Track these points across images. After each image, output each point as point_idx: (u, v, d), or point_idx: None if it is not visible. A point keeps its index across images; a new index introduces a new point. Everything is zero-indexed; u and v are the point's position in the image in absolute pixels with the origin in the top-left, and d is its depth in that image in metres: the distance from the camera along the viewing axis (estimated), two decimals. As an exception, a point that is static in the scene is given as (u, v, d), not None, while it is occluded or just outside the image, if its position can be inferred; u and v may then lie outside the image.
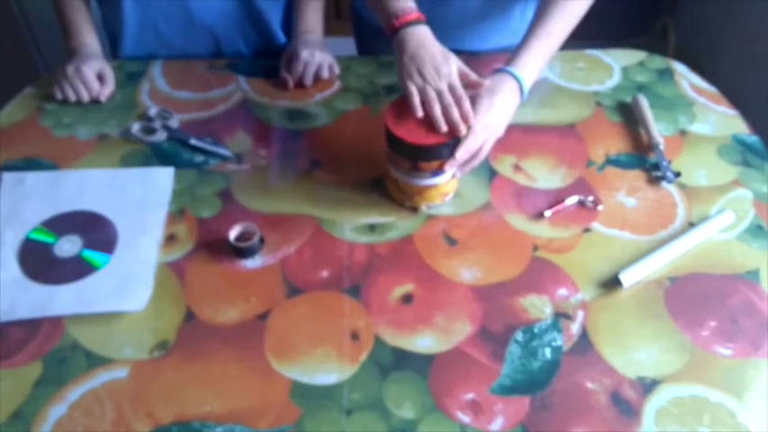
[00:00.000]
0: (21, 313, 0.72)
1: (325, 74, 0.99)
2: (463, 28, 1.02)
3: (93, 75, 0.96)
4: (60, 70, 0.97)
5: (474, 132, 0.76)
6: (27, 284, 0.74)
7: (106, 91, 0.97)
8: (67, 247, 0.78)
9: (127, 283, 0.74)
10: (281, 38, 1.10)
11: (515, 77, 0.80)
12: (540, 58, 0.83)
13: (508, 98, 0.80)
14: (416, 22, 0.80)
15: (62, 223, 0.80)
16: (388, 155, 0.79)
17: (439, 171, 0.77)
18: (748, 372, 0.68)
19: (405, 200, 0.82)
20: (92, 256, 0.77)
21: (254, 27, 1.08)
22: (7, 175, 0.85)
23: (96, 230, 0.80)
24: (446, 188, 0.81)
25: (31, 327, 0.71)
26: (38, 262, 0.76)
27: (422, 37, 0.79)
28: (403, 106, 0.77)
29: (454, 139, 0.75)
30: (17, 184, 0.84)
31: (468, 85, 0.79)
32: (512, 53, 0.83)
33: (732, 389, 0.66)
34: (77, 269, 0.76)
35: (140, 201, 0.83)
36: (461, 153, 0.76)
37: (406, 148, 0.75)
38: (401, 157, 0.77)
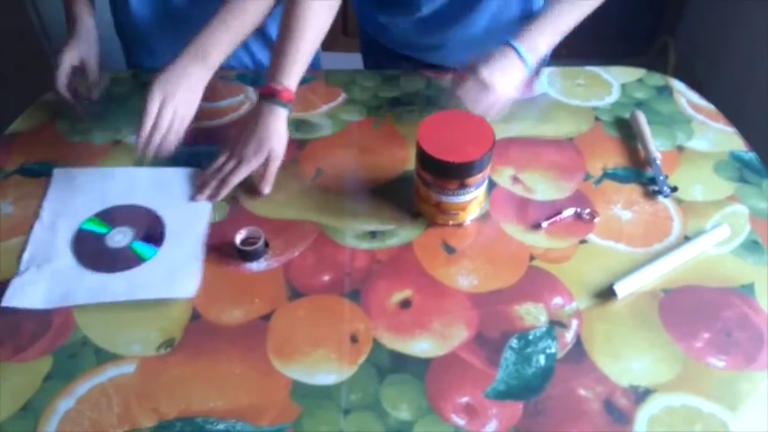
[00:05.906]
0: (76, 299, 0.74)
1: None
2: (467, 53, 1.04)
3: (66, 72, 0.93)
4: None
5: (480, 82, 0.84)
6: (81, 272, 0.77)
7: (94, 94, 0.97)
8: (119, 238, 0.81)
9: (174, 275, 0.77)
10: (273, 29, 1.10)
11: (512, 47, 0.86)
12: (546, 33, 0.88)
13: (508, 62, 0.85)
14: (278, 100, 0.84)
15: (114, 215, 0.83)
16: (429, 183, 0.78)
17: (481, 181, 0.78)
18: (742, 384, 0.68)
19: (448, 219, 0.82)
20: (141, 248, 0.80)
21: None
22: (58, 171, 0.89)
23: (146, 224, 0.82)
24: (481, 197, 0.82)
25: (44, 322, 0.73)
26: (91, 251, 0.79)
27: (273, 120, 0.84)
28: (430, 129, 0.77)
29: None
30: (68, 180, 0.87)
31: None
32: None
33: (725, 400, 0.67)
34: (127, 260, 0.78)
35: (186, 198, 0.86)
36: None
37: (455, 168, 0.75)
38: (450, 180, 0.76)
